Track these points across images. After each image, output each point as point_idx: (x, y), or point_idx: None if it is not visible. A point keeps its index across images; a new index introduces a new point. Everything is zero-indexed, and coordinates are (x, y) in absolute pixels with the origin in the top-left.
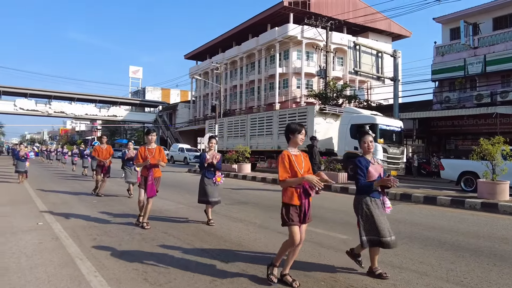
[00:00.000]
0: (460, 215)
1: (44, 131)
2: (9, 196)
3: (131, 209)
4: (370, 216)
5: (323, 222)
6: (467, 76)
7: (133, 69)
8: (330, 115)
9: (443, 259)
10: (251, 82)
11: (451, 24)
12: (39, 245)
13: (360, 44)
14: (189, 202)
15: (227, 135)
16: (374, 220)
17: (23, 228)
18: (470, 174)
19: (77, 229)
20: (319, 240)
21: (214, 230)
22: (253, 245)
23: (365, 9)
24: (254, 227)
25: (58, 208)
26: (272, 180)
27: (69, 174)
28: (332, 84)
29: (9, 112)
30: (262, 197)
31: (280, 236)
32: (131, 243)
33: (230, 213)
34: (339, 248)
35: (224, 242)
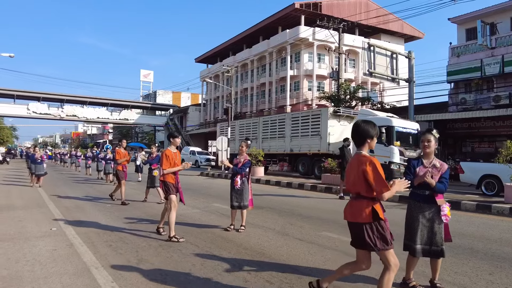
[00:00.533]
0: (488, 221)
1: (56, 134)
2: (22, 200)
3: (145, 214)
4: (407, 218)
5: (346, 228)
6: (484, 77)
7: (144, 72)
8: (344, 117)
9: (480, 270)
10: (262, 85)
11: (466, 24)
12: (53, 252)
13: (374, 45)
14: (204, 207)
15: (238, 138)
16: (409, 223)
17: (37, 234)
18: (491, 177)
19: (91, 235)
20: (344, 248)
21: (232, 237)
22: (275, 253)
23: (377, 11)
24: (274, 233)
25: (72, 213)
26: (286, 184)
27: (83, 177)
28: (345, 85)
29: (22, 115)
30: (278, 201)
31: (302, 244)
32: (148, 250)
33: (247, 218)
34: None
35: (244, 250)
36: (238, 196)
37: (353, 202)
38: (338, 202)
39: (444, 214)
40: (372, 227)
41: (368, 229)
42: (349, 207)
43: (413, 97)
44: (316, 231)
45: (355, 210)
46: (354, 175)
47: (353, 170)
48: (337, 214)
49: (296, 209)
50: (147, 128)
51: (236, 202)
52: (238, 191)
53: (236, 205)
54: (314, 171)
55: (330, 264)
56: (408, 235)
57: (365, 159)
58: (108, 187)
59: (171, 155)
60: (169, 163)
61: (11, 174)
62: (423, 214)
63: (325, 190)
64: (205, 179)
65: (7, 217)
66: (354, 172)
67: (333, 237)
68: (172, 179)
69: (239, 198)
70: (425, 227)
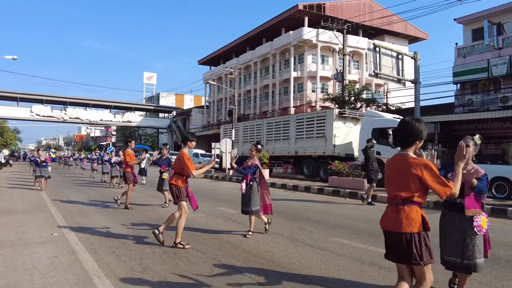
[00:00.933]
0: (505, 225)
1: (60, 137)
2: (24, 203)
3: (149, 219)
4: (440, 229)
5: (358, 234)
6: (491, 78)
7: (147, 75)
8: (350, 119)
9: (505, 279)
10: (266, 87)
11: (472, 24)
12: (53, 260)
13: (380, 46)
14: (209, 211)
15: (242, 140)
16: (441, 234)
17: (37, 239)
18: (502, 180)
19: (93, 240)
20: (358, 256)
21: (239, 243)
22: (285, 261)
23: (381, 12)
24: (282, 239)
25: (74, 217)
26: (292, 187)
27: (86, 180)
28: (350, 87)
29: (25, 118)
30: (285, 205)
31: (313, 251)
32: (152, 257)
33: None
34: (383, 266)
35: (253, 257)
36: (245, 201)
37: (399, 208)
38: (348, 207)
39: (477, 225)
40: (420, 237)
41: (417, 239)
42: (394, 214)
43: (419, 99)
44: (327, 237)
45: (402, 218)
46: (403, 178)
47: (400, 173)
48: (347, 219)
49: (304, 213)
50: (150, 131)
51: (244, 207)
52: (244, 196)
53: (244, 210)
54: (320, 174)
55: (345, 273)
56: (441, 246)
57: (418, 162)
58: (112, 190)
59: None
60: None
61: (14, 177)
62: (453, 223)
63: (332, 193)
64: (209, 181)
65: (8, 221)
66: (403, 176)
67: (345, 243)
68: (183, 183)
69: (246, 203)
70: (456, 238)
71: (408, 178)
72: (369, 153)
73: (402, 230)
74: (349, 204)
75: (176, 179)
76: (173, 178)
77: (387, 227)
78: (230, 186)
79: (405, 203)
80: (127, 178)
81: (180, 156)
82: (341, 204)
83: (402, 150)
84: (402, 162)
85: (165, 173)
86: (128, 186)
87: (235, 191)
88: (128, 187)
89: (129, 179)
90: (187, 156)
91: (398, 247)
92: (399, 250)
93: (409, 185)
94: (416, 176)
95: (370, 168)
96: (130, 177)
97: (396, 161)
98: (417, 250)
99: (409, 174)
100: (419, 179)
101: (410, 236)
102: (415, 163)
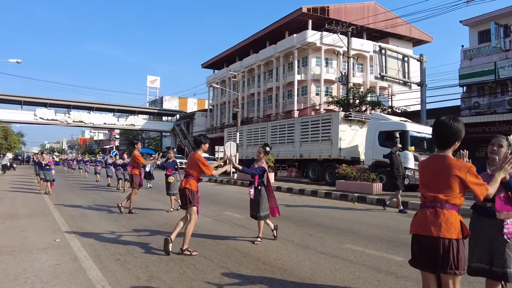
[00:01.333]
0: None
1: (63, 140)
2: (26, 207)
3: (154, 224)
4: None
5: (370, 240)
6: (498, 80)
7: (150, 78)
8: (355, 122)
9: None
10: (269, 90)
11: (479, 26)
12: (56, 268)
13: (385, 48)
14: (215, 215)
15: (246, 143)
16: (470, 241)
17: (40, 245)
18: None
19: (97, 247)
20: (372, 264)
21: (248, 250)
22: (297, 269)
23: (385, 14)
24: (293, 245)
25: (77, 222)
26: (299, 191)
27: (89, 184)
28: (355, 89)
29: (29, 121)
30: (293, 209)
31: (326, 259)
32: (158, 264)
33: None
34: (401, 275)
35: (263, 265)
36: (253, 206)
37: (438, 211)
38: (357, 212)
39: (508, 232)
40: (458, 244)
41: (455, 246)
42: (432, 217)
43: (426, 101)
44: (339, 244)
45: (442, 222)
46: (443, 180)
47: (439, 174)
48: (358, 224)
49: (313, 218)
50: (153, 134)
51: (252, 212)
52: (253, 201)
53: (252, 214)
54: (325, 177)
55: (361, 282)
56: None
57: (461, 164)
58: (116, 194)
59: None
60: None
61: (18, 181)
62: (482, 229)
63: (340, 198)
64: (213, 185)
65: (10, 226)
66: (443, 177)
67: (358, 250)
68: (196, 187)
69: (254, 207)
70: (485, 244)
71: (449, 179)
72: (393, 159)
73: (440, 235)
74: (358, 208)
75: (190, 183)
76: (187, 181)
77: (421, 231)
78: (235, 190)
79: (444, 206)
80: (134, 181)
81: (195, 158)
82: (350, 208)
83: (439, 151)
84: (441, 163)
85: (171, 177)
86: (132, 190)
87: (240, 195)
88: (132, 191)
89: (135, 183)
90: (202, 159)
91: (433, 253)
92: (433, 257)
93: (450, 187)
94: (459, 178)
95: (396, 174)
96: (137, 181)
97: (434, 162)
98: (454, 257)
99: (450, 176)
100: (461, 181)
101: (448, 242)
102: (458, 164)
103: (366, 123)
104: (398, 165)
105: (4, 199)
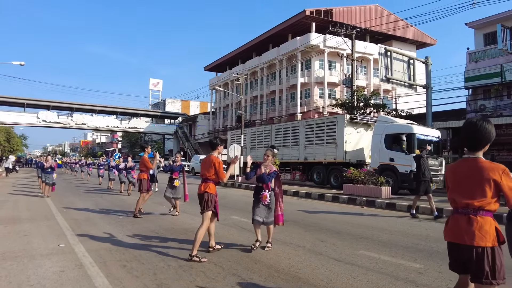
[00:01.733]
0: None
1: (66, 143)
2: (29, 211)
3: (160, 228)
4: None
5: (384, 246)
6: (504, 82)
7: (153, 81)
8: (361, 125)
9: None
10: (272, 93)
11: (484, 29)
12: (60, 275)
13: (391, 50)
14: (221, 219)
15: (250, 146)
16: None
17: (43, 251)
18: None
19: (103, 252)
20: (390, 271)
21: (259, 256)
22: (312, 277)
23: (388, 17)
24: (304, 251)
25: (81, 226)
26: (305, 195)
27: (92, 187)
28: (359, 92)
29: (32, 124)
30: (301, 213)
31: (340, 266)
32: (167, 272)
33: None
34: (421, 283)
35: (276, 273)
36: (263, 211)
37: (471, 219)
38: (367, 216)
39: None
40: (494, 252)
41: (490, 255)
42: (465, 225)
43: (431, 104)
44: (353, 250)
45: (475, 230)
46: (476, 184)
47: (472, 178)
48: (369, 229)
49: (322, 222)
50: (156, 137)
51: (260, 217)
52: (264, 206)
53: (260, 221)
54: (330, 181)
55: None
56: None
57: (495, 167)
58: (119, 197)
59: None
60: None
61: (20, 184)
62: None
63: (348, 202)
64: (217, 188)
65: (12, 231)
66: (476, 181)
67: (373, 257)
68: (215, 190)
69: (266, 213)
70: None
71: (482, 183)
72: (421, 162)
73: (474, 243)
74: (367, 213)
75: (209, 187)
76: (206, 185)
77: (454, 239)
78: (240, 193)
79: (477, 213)
80: (142, 185)
81: (212, 161)
82: (358, 213)
83: (470, 154)
84: (473, 167)
85: (177, 180)
86: (140, 195)
87: (246, 199)
88: (140, 196)
89: (144, 188)
90: (220, 161)
91: (467, 262)
92: (467, 265)
93: (484, 191)
94: (493, 182)
95: (421, 179)
96: (145, 185)
97: (465, 165)
98: (490, 266)
99: (484, 179)
100: (496, 184)
101: (482, 250)
102: (492, 167)
103: (371, 125)
104: (424, 170)
105: (6, 202)
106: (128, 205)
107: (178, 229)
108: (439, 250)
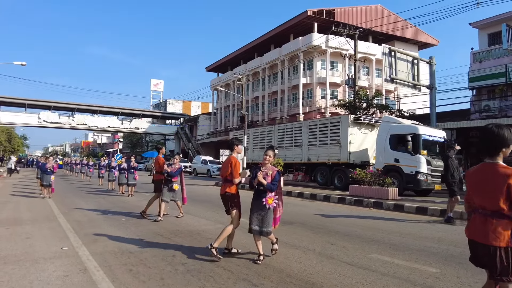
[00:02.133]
0: None
1: (67, 143)
2: (30, 212)
3: (165, 230)
4: None
5: (397, 249)
6: (509, 83)
7: (154, 82)
8: (365, 125)
9: None
10: (274, 93)
11: (489, 29)
12: (64, 280)
13: (395, 50)
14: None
15: (252, 147)
16: None
17: (46, 254)
18: None
19: (107, 256)
20: (405, 276)
21: (268, 260)
22: (326, 283)
23: (390, 17)
24: (315, 255)
25: (84, 228)
26: (310, 196)
27: (94, 188)
28: (362, 92)
29: (33, 124)
30: (308, 215)
31: (354, 270)
32: (174, 276)
33: (278, 236)
34: None
35: (288, 278)
36: (260, 217)
37: (487, 220)
38: (375, 218)
39: None
40: (507, 251)
41: (503, 253)
42: (481, 225)
43: (435, 104)
44: (365, 253)
45: (489, 230)
46: (493, 189)
47: (489, 182)
48: (379, 232)
49: (331, 225)
50: (157, 137)
51: (257, 226)
52: (263, 212)
53: (258, 230)
54: (334, 181)
55: None
56: None
57: (510, 172)
58: (121, 198)
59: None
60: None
61: (21, 184)
62: None
63: (354, 203)
64: (218, 189)
65: (14, 233)
66: (493, 186)
67: (386, 261)
68: (236, 189)
69: (263, 220)
70: None
71: (499, 188)
72: (449, 162)
73: (488, 242)
74: (375, 215)
75: (229, 187)
76: (226, 186)
77: (472, 237)
78: (242, 194)
79: (493, 216)
80: (156, 187)
81: (230, 161)
82: (366, 215)
83: (489, 159)
84: (491, 171)
85: (175, 184)
86: (155, 195)
87: (249, 199)
88: (154, 195)
89: (158, 189)
90: (237, 162)
91: (484, 259)
92: (484, 262)
93: (500, 196)
94: (509, 186)
95: (451, 180)
96: (159, 187)
97: (484, 170)
98: (502, 264)
99: (501, 184)
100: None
101: (494, 249)
102: (508, 173)
103: (376, 126)
104: (453, 170)
105: (8, 203)
106: (131, 206)
107: (183, 231)
108: (453, 253)
